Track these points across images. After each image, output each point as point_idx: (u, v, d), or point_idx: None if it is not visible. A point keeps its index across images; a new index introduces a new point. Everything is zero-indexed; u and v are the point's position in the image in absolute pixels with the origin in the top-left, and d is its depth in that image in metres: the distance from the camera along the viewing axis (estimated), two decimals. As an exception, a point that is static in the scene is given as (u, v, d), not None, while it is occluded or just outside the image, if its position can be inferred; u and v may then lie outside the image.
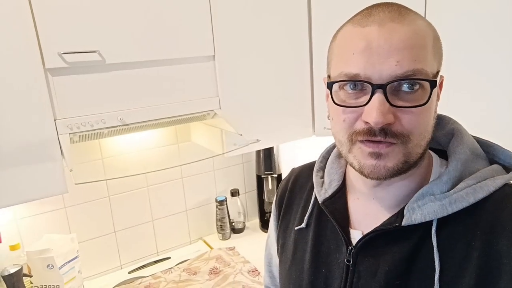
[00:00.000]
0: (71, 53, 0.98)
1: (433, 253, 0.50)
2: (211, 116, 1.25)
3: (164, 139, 1.58)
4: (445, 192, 0.51)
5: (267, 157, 1.74)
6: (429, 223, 0.51)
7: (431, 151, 0.58)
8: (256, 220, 1.90)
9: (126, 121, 1.09)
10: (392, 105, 0.47)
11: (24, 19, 0.92)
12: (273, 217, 0.76)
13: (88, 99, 1.03)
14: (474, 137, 0.58)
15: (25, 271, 1.20)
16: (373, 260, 0.54)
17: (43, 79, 0.96)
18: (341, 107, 0.51)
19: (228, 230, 1.74)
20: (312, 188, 0.67)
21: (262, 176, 1.77)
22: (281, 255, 0.71)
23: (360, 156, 0.51)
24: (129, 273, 1.52)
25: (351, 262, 0.56)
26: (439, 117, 0.60)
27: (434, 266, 0.50)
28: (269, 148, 1.72)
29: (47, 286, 1.24)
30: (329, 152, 0.70)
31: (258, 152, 1.76)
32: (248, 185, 1.88)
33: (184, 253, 1.63)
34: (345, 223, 0.59)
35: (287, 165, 1.79)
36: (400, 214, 0.53)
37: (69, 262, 1.31)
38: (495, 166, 0.54)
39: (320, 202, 0.63)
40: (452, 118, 0.60)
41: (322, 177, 0.67)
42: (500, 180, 0.51)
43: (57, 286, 1.24)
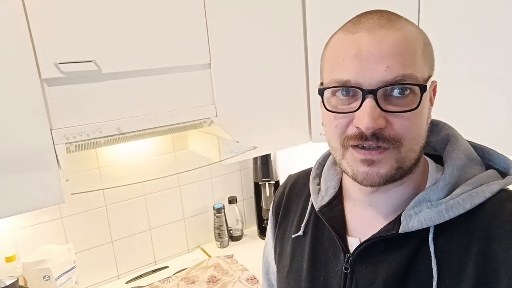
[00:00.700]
0: (67, 63, 0.98)
1: (431, 260, 0.50)
2: (207, 124, 1.25)
3: (161, 147, 1.57)
4: (442, 199, 0.51)
5: (264, 164, 1.74)
6: (426, 230, 0.51)
7: (426, 157, 0.58)
8: (254, 227, 1.89)
9: (122, 130, 1.08)
10: (383, 110, 0.48)
11: (19, 29, 0.92)
12: (270, 224, 0.76)
13: (84, 109, 1.03)
14: (469, 142, 0.58)
15: (21, 283, 1.19)
16: (371, 267, 0.54)
17: (39, 89, 0.96)
18: (333, 113, 0.52)
19: (226, 238, 1.73)
20: (309, 195, 0.66)
21: (260, 183, 1.76)
22: (278, 263, 0.71)
23: (353, 162, 0.51)
24: (126, 283, 1.51)
25: (348, 270, 0.56)
26: (434, 122, 0.60)
27: (431, 273, 0.49)
28: (266, 155, 1.72)
29: (43, 297, 1.22)
30: (325, 158, 0.70)
31: (255, 159, 1.76)
32: (246, 192, 1.88)
33: (182, 262, 1.62)
34: (342, 230, 0.59)
35: (284, 171, 1.79)
36: (397, 221, 0.52)
37: (66, 272, 1.30)
38: (490, 171, 0.54)
39: (317, 210, 0.62)
40: (447, 124, 0.60)
41: (319, 184, 0.67)
42: (496, 185, 0.51)
43: (54, 298, 1.23)
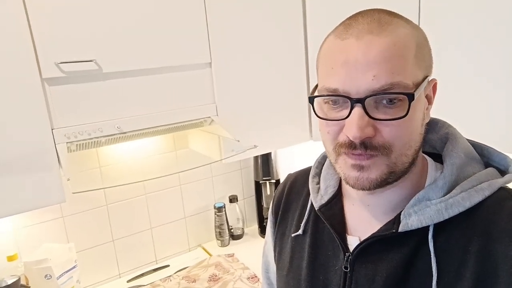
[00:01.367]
0: (68, 62, 0.98)
1: (430, 258, 0.50)
2: (208, 123, 1.26)
3: (161, 146, 1.58)
4: (441, 197, 0.51)
5: (265, 163, 1.74)
6: (426, 228, 0.51)
7: (425, 156, 0.58)
8: (255, 226, 1.89)
9: (123, 129, 1.09)
10: (372, 117, 0.48)
11: (20, 29, 0.92)
12: (269, 223, 0.76)
13: (85, 108, 1.04)
14: (469, 140, 0.58)
15: (22, 282, 1.19)
16: (371, 266, 0.54)
17: (40, 88, 0.96)
18: (324, 120, 0.52)
19: (227, 237, 1.73)
20: (309, 194, 0.67)
21: (260, 182, 1.77)
22: (278, 262, 0.71)
23: (345, 167, 0.52)
24: (127, 281, 1.51)
25: (348, 269, 0.56)
26: (434, 121, 0.60)
27: (431, 271, 0.49)
28: (266, 154, 1.72)
29: (45, 296, 1.23)
30: (324, 157, 0.70)
31: (256, 158, 1.76)
32: (247, 191, 1.88)
33: (183, 261, 1.63)
34: (342, 229, 0.59)
35: (285, 170, 1.79)
36: (396, 220, 0.53)
37: (67, 271, 1.30)
38: (490, 170, 0.54)
39: (317, 209, 0.62)
40: (446, 122, 0.60)
41: (318, 183, 0.67)
42: (496, 183, 0.51)
43: (55, 296, 1.24)
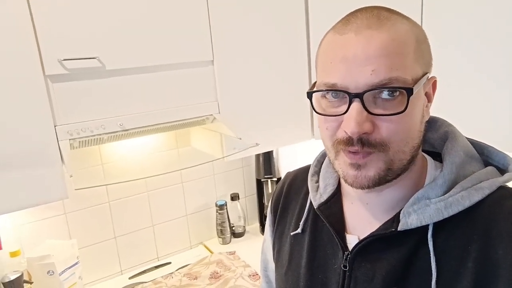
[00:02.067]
0: (71, 59, 0.99)
1: (430, 257, 0.50)
2: (210, 120, 1.26)
3: (164, 144, 1.58)
4: (441, 196, 0.51)
5: (266, 161, 1.74)
6: (425, 227, 0.51)
7: (425, 154, 0.58)
8: (256, 224, 1.90)
9: (125, 126, 1.09)
10: (370, 113, 0.48)
11: (24, 26, 0.93)
12: (268, 222, 0.76)
13: (88, 105, 1.04)
14: (468, 139, 0.58)
15: (25, 277, 1.20)
16: (370, 265, 0.54)
17: (43, 85, 0.97)
18: (322, 116, 0.52)
19: (228, 235, 1.73)
20: (308, 192, 0.66)
21: (262, 180, 1.77)
22: (277, 260, 0.71)
23: (343, 165, 0.52)
24: (129, 278, 1.52)
25: (347, 268, 0.56)
26: (433, 119, 0.60)
27: (430, 270, 0.49)
28: (268, 152, 1.73)
29: (47, 292, 1.24)
30: (323, 156, 0.69)
31: (257, 156, 1.76)
32: (248, 189, 1.88)
33: (184, 258, 1.63)
34: (341, 228, 0.59)
35: (286, 168, 1.79)
36: (396, 219, 0.52)
37: (69, 268, 1.31)
38: (489, 168, 0.54)
39: (316, 207, 0.62)
40: (446, 121, 0.60)
41: (317, 181, 0.67)
42: (495, 182, 0.51)
43: (58, 292, 1.24)
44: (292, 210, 0.70)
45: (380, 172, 0.50)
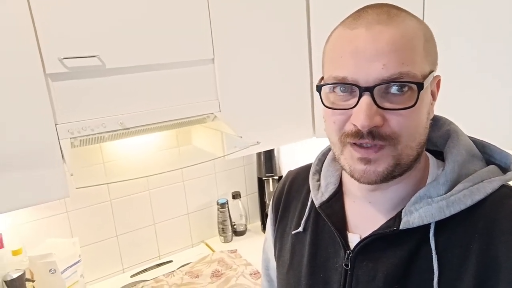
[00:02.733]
0: (71, 58, 0.98)
1: (432, 256, 0.50)
2: (211, 119, 1.26)
3: (165, 142, 1.58)
4: (443, 195, 0.51)
5: (268, 159, 1.74)
6: (427, 226, 0.51)
7: (427, 153, 0.58)
8: (257, 222, 1.90)
9: (126, 125, 1.09)
10: (380, 107, 0.47)
11: (24, 25, 0.92)
12: (270, 220, 0.76)
13: (89, 104, 1.04)
14: (470, 137, 0.58)
15: (27, 275, 1.20)
16: (372, 264, 0.54)
17: (43, 84, 0.97)
18: (331, 109, 0.52)
19: (229, 233, 1.74)
20: (309, 191, 0.66)
21: (263, 178, 1.77)
22: (278, 259, 0.71)
23: (351, 160, 0.51)
24: (131, 276, 1.52)
25: (349, 266, 0.56)
26: (436, 118, 0.60)
27: (432, 269, 0.49)
28: (269, 150, 1.72)
29: (49, 290, 1.24)
30: (325, 154, 0.69)
31: (259, 154, 1.76)
32: (249, 187, 1.88)
33: (186, 256, 1.63)
34: (342, 227, 0.59)
35: (288, 167, 1.78)
36: (397, 218, 0.52)
37: (71, 266, 1.31)
38: (491, 167, 0.54)
39: (317, 206, 0.62)
40: (448, 119, 0.60)
41: (319, 180, 0.66)
42: (497, 181, 0.51)
43: (60, 290, 1.25)
44: (293, 209, 0.70)
45: (388, 168, 0.50)
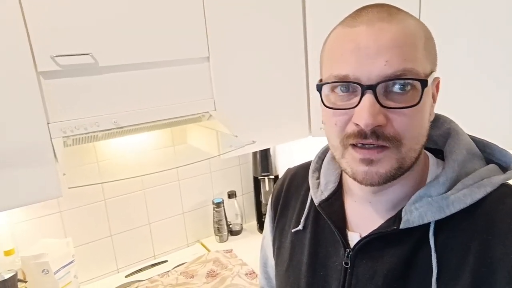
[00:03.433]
0: (64, 56, 0.97)
1: (431, 255, 0.49)
2: (206, 118, 1.25)
3: (160, 141, 1.57)
4: (442, 194, 0.50)
5: (263, 159, 1.74)
6: (427, 225, 0.50)
7: (427, 152, 0.57)
8: (253, 222, 1.89)
9: (120, 123, 1.08)
10: (383, 106, 0.47)
11: (15, 23, 0.91)
12: (268, 218, 0.76)
13: (82, 102, 1.02)
14: (471, 136, 0.58)
15: (20, 276, 1.19)
16: (371, 262, 0.54)
17: (35, 82, 0.95)
18: (332, 109, 0.51)
19: (225, 233, 1.73)
20: (308, 189, 0.66)
21: (259, 177, 1.76)
22: (277, 257, 0.70)
23: (352, 162, 0.50)
24: (125, 277, 1.51)
25: (349, 265, 0.56)
26: (436, 116, 0.59)
27: (432, 268, 0.49)
28: (265, 150, 1.72)
29: (42, 291, 1.23)
30: (324, 152, 0.69)
31: (254, 153, 1.76)
32: (245, 187, 1.87)
33: (181, 256, 1.62)
34: (342, 225, 0.59)
35: (283, 166, 1.78)
36: (397, 217, 0.52)
37: (64, 266, 1.30)
38: (491, 166, 0.54)
39: (317, 204, 0.62)
40: (448, 118, 0.59)
41: (318, 178, 0.66)
42: (497, 180, 0.50)
43: (53, 292, 1.23)
44: (292, 207, 0.70)
45: (391, 170, 0.49)
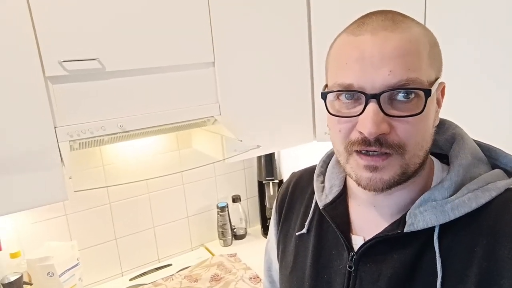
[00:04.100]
0: (71, 61, 0.98)
1: (435, 259, 0.49)
2: (211, 122, 1.25)
3: (165, 145, 1.57)
4: (447, 198, 0.50)
5: (268, 163, 1.74)
6: (431, 229, 0.50)
7: (432, 157, 0.58)
8: (257, 226, 1.89)
9: (126, 128, 1.09)
10: (386, 114, 0.47)
11: (24, 28, 0.92)
12: (273, 221, 0.76)
13: (88, 107, 1.03)
14: (476, 141, 0.58)
15: (25, 279, 1.19)
16: (375, 266, 0.54)
17: (43, 87, 0.96)
18: (336, 117, 0.51)
19: (229, 237, 1.73)
20: (313, 192, 0.66)
21: (264, 182, 1.76)
22: (281, 260, 0.70)
23: (356, 168, 0.51)
24: (130, 280, 1.51)
25: (352, 268, 0.56)
26: (441, 121, 0.60)
27: (436, 272, 0.49)
28: (270, 154, 1.72)
29: (47, 294, 1.23)
30: (329, 156, 0.69)
31: (259, 157, 1.76)
32: (250, 191, 1.87)
33: (185, 260, 1.62)
34: (346, 229, 0.59)
35: (288, 170, 1.78)
36: (402, 221, 0.52)
37: (69, 269, 1.30)
38: (496, 171, 0.54)
39: (321, 208, 0.62)
40: (453, 123, 0.60)
41: (323, 182, 0.66)
42: (502, 184, 0.50)
43: (58, 294, 1.24)
44: (297, 210, 0.70)
45: (395, 176, 0.49)
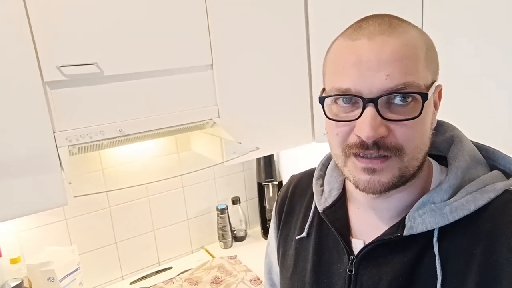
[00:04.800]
0: (70, 65, 0.98)
1: (435, 261, 0.50)
2: (210, 125, 1.25)
3: (164, 148, 1.57)
4: (446, 200, 0.51)
5: (267, 165, 1.74)
6: (431, 231, 0.50)
7: (430, 159, 0.58)
8: (257, 228, 1.89)
9: (125, 132, 1.09)
10: (384, 118, 0.47)
11: (22, 32, 0.92)
12: (273, 225, 0.76)
13: (87, 111, 1.03)
14: (474, 142, 0.58)
15: (26, 284, 1.19)
16: (375, 270, 0.54)
17: (41, 92, 0.96)
18: (334, 121, 0.51)
19: (229, 239, 1.73)
20: (312, 196, 0.66)
21: (263, 183, 1.76)
22: (281, 264, 0.71)
23: (354, 171, 0.51)
24: (130, 284, 1.51)
25: (353, 272, 0.56)
26: (439, 123, 0.60)
27: (436, 274, 0.49)
28: (269, 156, 1.72)
29: (48, 299, 1.23)
30: (328, 159, 0.69)
31: (258, 159, 1.76)
32: (249, 193, 1.87)
33: (185, 263, 1.62)
34: (346, 232, 0.59)
35: (287, 172, 1.78)
36: (401, 224, 0.52)
37: (70, 274, 1.30)
38: (495, 172, 0.54)
39: (320, 212, 0.62)
40: (452, 125, 0.60)
41: (322, 185, 0.66)
42: (501, 186, 0.50)
43: (58, 299, 1.24)
44: (296, 214, 0.70)
45: (393, 179, 0.49)
